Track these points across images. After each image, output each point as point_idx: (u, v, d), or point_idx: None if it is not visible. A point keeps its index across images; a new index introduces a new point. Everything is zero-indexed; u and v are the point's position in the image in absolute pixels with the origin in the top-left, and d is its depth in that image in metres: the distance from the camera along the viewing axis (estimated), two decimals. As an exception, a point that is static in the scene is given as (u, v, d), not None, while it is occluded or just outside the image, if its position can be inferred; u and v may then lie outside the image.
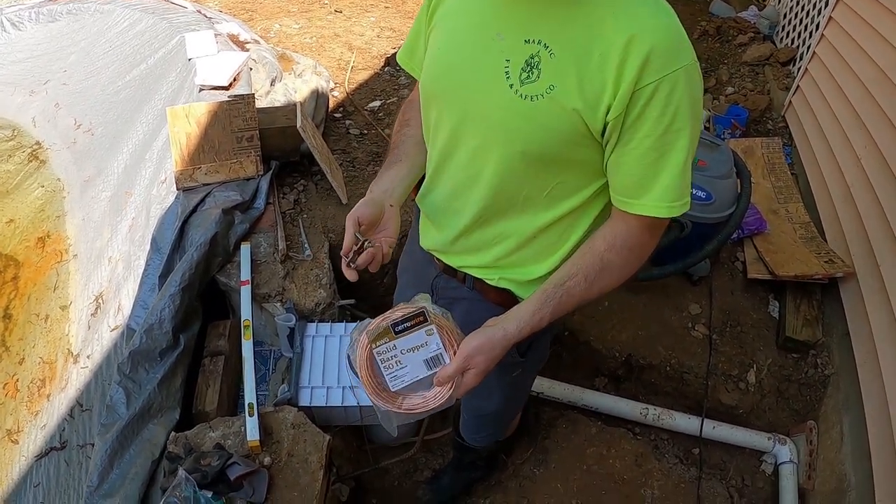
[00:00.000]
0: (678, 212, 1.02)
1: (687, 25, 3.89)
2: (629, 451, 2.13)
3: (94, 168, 2.89)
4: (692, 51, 0.97)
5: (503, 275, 1.24)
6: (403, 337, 1.08)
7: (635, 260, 1.09)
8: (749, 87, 3.33)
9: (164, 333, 1.97)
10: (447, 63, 1.09)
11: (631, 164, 1.01)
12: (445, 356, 1.07)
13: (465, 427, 1.79)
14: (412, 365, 1.07)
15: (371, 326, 1.08)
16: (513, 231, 1.18)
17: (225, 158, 2.28)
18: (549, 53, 0.97)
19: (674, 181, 1.00)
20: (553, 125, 1.00)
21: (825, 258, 2.41)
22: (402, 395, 1.07)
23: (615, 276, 1.09)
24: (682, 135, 0.97)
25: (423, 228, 1.37)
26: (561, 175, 1.09)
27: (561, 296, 1.07)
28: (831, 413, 2.22)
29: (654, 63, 0.91)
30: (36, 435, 2.23)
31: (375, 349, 1.07)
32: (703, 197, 2.33)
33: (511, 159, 1.06)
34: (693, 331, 2.46)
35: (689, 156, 1.00)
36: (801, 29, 3.33)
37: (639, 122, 0.96)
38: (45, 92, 3.16)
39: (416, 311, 1.09)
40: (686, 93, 0.95)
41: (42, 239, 2.80)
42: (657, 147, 0.98)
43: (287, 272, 2.22)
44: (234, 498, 1.66)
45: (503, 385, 1.48)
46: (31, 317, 2.58)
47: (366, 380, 1.07)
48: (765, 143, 2.97)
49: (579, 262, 1.09)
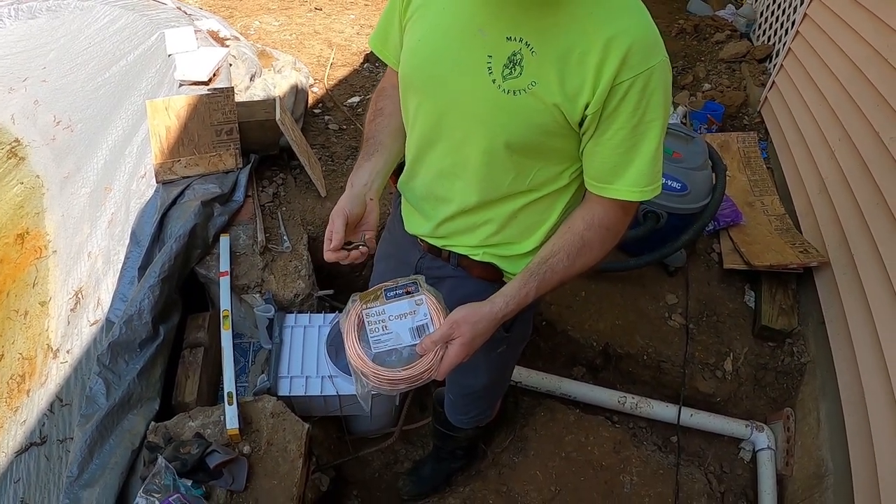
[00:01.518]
0: (650, 195, 1.09)
1: (664, 23, 3.93)
2: (608, 439, 2.16)
3: (74, 164, 2.87)
4: (664, 48, 1.03)
5: (487, 251, 1.29)
6: (393, 303, 1.12)
7: (612, 237, 1.16)
8: (725, 84, 3.38)
9: (143, 324, 1.97)
10: (428, 55, 1.12)
11: (606, 153, 1.07)
12: (431, 326, 1.10)
13: (451, 409, 1.80)
14: (398, 332, 1.09)
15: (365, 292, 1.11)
16: (497, 215, 1.23)
17: (204, 151, 2.28)
18: (530, 51, 1.01)
19: (646, 167, 1.06)
20: (535, 119, 1.05)
21: (800, 248, 2.46)
22: (384, 366, 1.08)
23: (595, 253, 1.15)
24: (654, 125, 1.04)
25: (406, 215, 1.41)
26: (542, 162, 1.14)
27: (545, 272, 1.13)
28: (808, 400, 2.26)
29: (630, 61, 0.97)
30: (16, 431, 2.22)
31: (365, 310, 1.11)
32: (678, 188, 2.37)
33: (496, 150, 1.11)
34: (670, 320, 2.49)
35: (660, 144, 1.06)
36: (777, 26, 3.39)
37: (615, 115, 1.02)
38: (25, 89, 3.14)
39: (409, 282, 1.14)
40: (658, 87, 1.01)
41: (21, 236, 2.78)
42: (631, 137, 1.04)
43: (266, 264, 2.23)
44: (213, 486, 1.67)
45: (490, 361, 1.52)
46: (10, 313, 2.56)
47: (351, 344, 1.09)
48: (741, 137, 3.01)
49: (560, 240, 1.15)
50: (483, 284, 1.34)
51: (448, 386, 1.75)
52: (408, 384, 1.08)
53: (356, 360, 1.08)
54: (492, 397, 1.78)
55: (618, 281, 2.58)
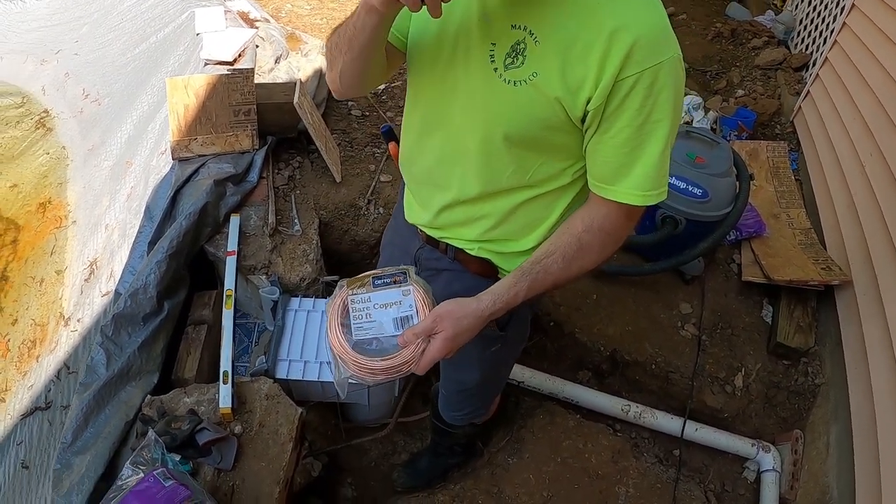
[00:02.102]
0: (653, 200, 1.03)
1: (701, 26, 3.83)
2: (606, 447, 2.11)
3: (99, 137, 2.92)
4: (676, 44, 0.97)
5: (483, 246, 1.26)
6: (380, 291, 1.09)
7: (612, 242, 1.10)
8: (759, 91, 3.28)
9: (148, 299, 1.99)
10: (434, 38, 1.09)
11: (608, 153, 1.02)
12: (415, 318, 1.07)
13: (444, 404, 1.78)
14: (381, 321, 1.07)
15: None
16: (496, 209, 1.19)
17: (221, 131, 2.29)
18: (534, 40, 0.98)
19: (650, 171, 1.01)
20: (535, 111, 1.01)
21: (822, 265, 2.37)
22: (364, 354, 1.05)
23: (592, 257, 1.10)
24: (660, 126, 0.98)
25: (407, 203, 1.39)
26: (543, 157, 1.10)
27: (538, 272, 1.08)
28: (819, 423, 2.18)
29: (636, 55, 0.92)
30: (23, 395, 2.26)
31: (350, 296, 1.08)
32: (699, 194, 2.30)
33: (494, 141, 1.07)
34: (682, 330, 2.43)
35: (666, 146, 1.00)
36: (815, 35, 3.27)
37: (618, 113, 0.97)
38: (57, 61, 3.21)
39: (398, 271, 1.11)
40: (668, 85, 0.95)
41: (43, 204, 2.83)
42: (635, 137, 0.99)
43: (275, 246, 2.23)
44: (202, 463, 1.67)
45: (483, 359, 1.49)
46: (27, 279, 2.62)
47: (332, 328, 1.07)
48: (770, 146, 2.92)
49: (557, 241, 1.10)
50: (479, 281, 1.31)
51: (442, 381, 1.73)
52: (386, 375, 1.05)
53: (336, 346, 1.06)
54: (485, 395, 1.76)
55: (631, 285, 2.52)
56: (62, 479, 1.66)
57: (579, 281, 2.50)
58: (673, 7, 4.08)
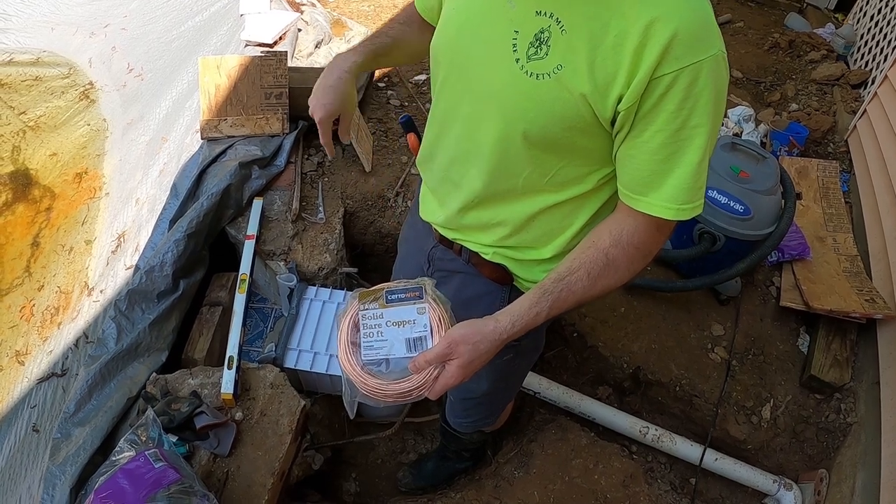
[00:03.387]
0: (688, 215, 0.94)
1: (758, 35, 3.67)
2: (618, 470, 2.01)
3: (138, 112, 2.95)
4: (721, 40, 0.88)
5: (500, 251, 1.19)
6: (394, 307, 1.02)
7: (641, 258, 1.01)
8: (814, 106, 3.12)
9: (164, 276, 1.99)
10: (457, 25, 1.03)
11: (641, 159, 0.93)
12: (429, 341, 1.00)
13: (450, 410, 1.73)
14: (392, 341, 1.00)
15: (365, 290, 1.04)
16: (512, 215, 1.12)
17: (251, 113, 2.28)
18: (560, 29, 0.89)
19: (685, 182, 0.92)
20: (557, 109, 0.93)
21: (866, 296, 2.22)
22: (372, 375, 0.98)
23: (619, 274, 1.01)
24: (699, 132, 0.89)
25: (423, 199, 1.34)
26: (564, 160, 1.02)
27: (560, 290, 0.99)
28: (846, 465, 2.04)
29: (676, 50, 0.83)
30: (42, 359, 2.29)
31: (362, 311, 1.02)
32: (740, 211, 2.18)
33: (511, 139, 1.00)
34: (711, 353, 2.31)
35: (705, 155, 0.91)
36: (876, 51, 3.09)
37: (653, 114, 0.88)
38: (105, 35, 3.24)
39: (414, 286, 1.04)
40: (709, 86, 0.86)
41: (80, 175, 2.87)
42: (671, 143, 0.90)
43: (296, 232, 2.21)
44: (198, 447, 1.65)
45: (494, 368, 1.41)
46: (56, 247, 2.65)
47: (342, 345, 1.01)
48: (821, 165, 2.76)
49: (581, 256, 1.01)
50: (492, 285, 1.25)
51: None
52: (395, 399, 0.99)
53: (346, 366, 1.00)
54: (493, 405, 1.69)
55: (662, 301, 2.41)
56: (60, 448, 1.67)
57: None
58: (730, 14, 3.92)
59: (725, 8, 4.12)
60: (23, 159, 2.93)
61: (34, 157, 2.93)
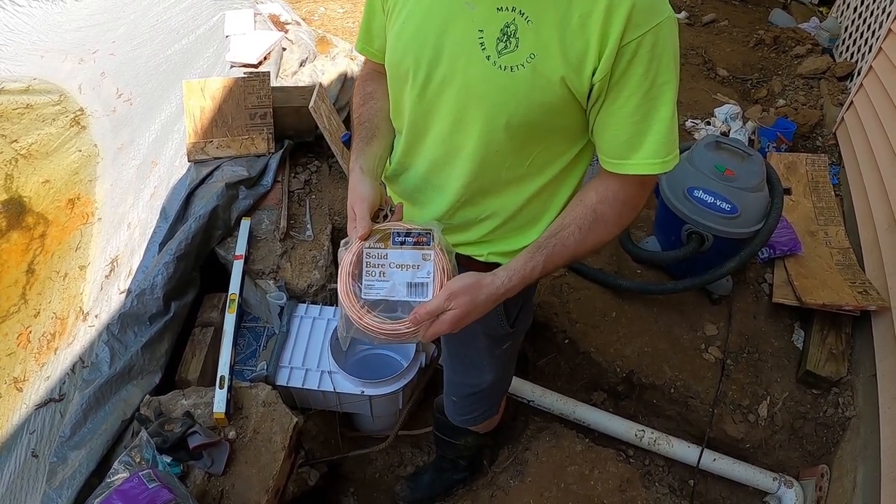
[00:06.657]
0: (671, 166, 1.01)
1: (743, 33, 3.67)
2: (615, 475, 2.00)
3: (128, 136, 2.98)
4: (668, 5, 0.95)
5: (491, 249, 1.22)
6: (399, 250, 1.04)
7: (628, 212, 1.08)
8: (801, 101, 3.11)
9: (154, 299, 2.00)
10: (413, 36, 1.04)
11: (619, 124, 0.99)
12: (430, 289, 1.01)
13: (454, 410, 1.72)
14: (394, 282, 1.02)
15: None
16: (499, 207, 1.16)
17: (237, 134, 2.29)
18: (525, 20, 0.94)
19: (664, 136, 0.99)
20: (535, 97, 0.97)
21: (859, 289, 2.22)
22: (369, 312, 1.00)
23: (609, 228, 1.07)
24: (667, 87, 0.97)
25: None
26: (544, 142, 1.07)
27: (554, 245, 1.05)
28: (847, 459, 2.03)
29: (636, 18, 0.90)
30: (39, 385, 2.31)
31: (367, 248, 1.03)
32: (727, 209, 2.18)
33: (494, 132, 1.03)
34: (705, 353, 2.31)
35: (674, 108, 1.00)
36: (861, 43, 3.09)
37: (624, 80, 0.95)
38: (94, 61, 3.29)
39: (422, 230, 1.05)
40: (669, 45, 0.94)
41: (72, 200, 2.90)
42: (644, 104, 0.97)
43: (285, 251, 2.22)
44: (192, 466, 1.66)
45: (495, 359, 1.48)
46: (51, 273, 2.68)
47: (343, 280, 1.02)
48: (810, 159, 2.76)
49: (572, 213, 1.07)
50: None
51: (450, 388, 1.67)
52: (389, 338, 1.01)
53: (344, 299, 1.01)
54: (496, 395, 1.71)
55: (653, 304, 2.41)
56: (56, 472, 1.68)
57: (597, 298, 2.41)
58: (714, 13, 3.93)
59: (710, 7, 4.13)
60: (16, 187, 2.97)
61: (27, 184, 2.96)
